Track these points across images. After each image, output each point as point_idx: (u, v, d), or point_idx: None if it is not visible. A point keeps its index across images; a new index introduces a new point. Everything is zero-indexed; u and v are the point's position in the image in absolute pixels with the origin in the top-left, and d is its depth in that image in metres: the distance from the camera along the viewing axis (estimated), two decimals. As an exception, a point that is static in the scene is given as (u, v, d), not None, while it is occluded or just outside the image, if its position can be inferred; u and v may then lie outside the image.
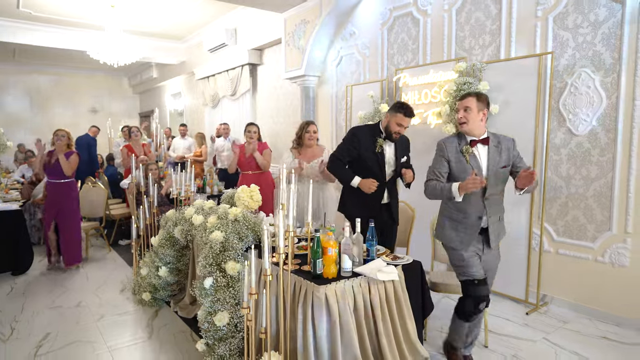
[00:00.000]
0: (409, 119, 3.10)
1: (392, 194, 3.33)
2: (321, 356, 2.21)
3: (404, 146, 3.33)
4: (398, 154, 3.26)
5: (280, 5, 6.15)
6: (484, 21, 4.16)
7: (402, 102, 3.18)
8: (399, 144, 3.26)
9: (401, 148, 3.29)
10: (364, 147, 3.17)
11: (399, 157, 3.26)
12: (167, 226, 3.59)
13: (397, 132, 3.12)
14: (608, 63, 3.33)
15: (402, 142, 3.30)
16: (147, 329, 3.34)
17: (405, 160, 3.28)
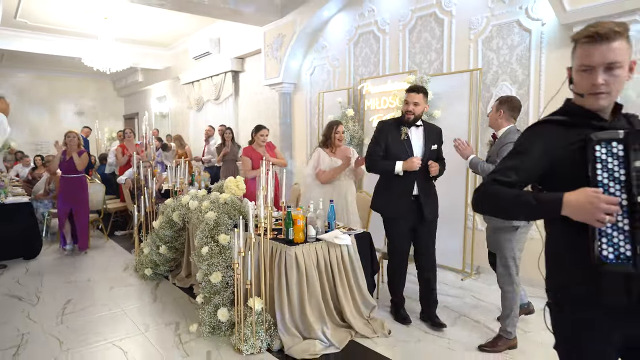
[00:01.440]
0: (413, 94, 3.11)
1: (423, 186, 3.18)
2: (292, 300, 2.98)
3: (433, 134, 3.25)
4: (426, 141, 3.19)
5: (259, 20, 6.90)
6: (430, 40, 5.00)
7: None
8: (427, 132, 3.21)
9: (430, 135, 3.22)
10: (390, 137, 3.17)
11: (428, 144, 3.18)
12: (166, 211, 4.30)
13: (408, 111, 3.11)
14: (521, 78, 4.20)
15: (430, 130, 3.24)
16: (151, 295, 4.05)
17: (435, 148, 3.21)
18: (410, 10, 5.16)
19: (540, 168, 1.30)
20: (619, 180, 1.15)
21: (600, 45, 1.19)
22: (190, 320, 3.38)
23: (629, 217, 1.14)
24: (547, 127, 1.33)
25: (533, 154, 1.31)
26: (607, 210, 1.10)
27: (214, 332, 3.13)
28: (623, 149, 1.14)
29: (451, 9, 4.73)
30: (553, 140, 1.28)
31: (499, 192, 1.31)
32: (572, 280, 1.27)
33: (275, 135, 7.62)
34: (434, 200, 3.29)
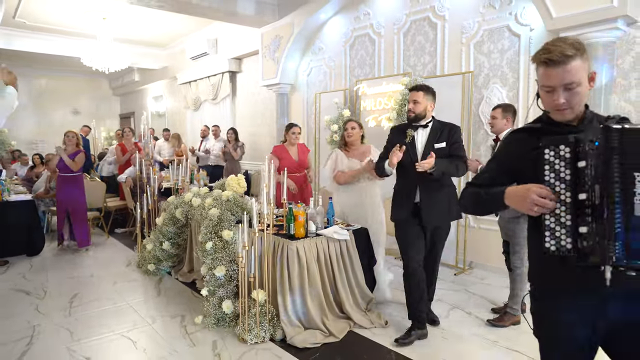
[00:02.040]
0: (412, 92, 3.03)
1: (426, 189, 2.96)
2: (294, 292, 3.14)
3: (442, 133, 3.00)
4: (431, 140, 2.98)
5: (257, 22, 7.03)
6: (424, 44, 5.18)
7: None
8: (434, 131, 3.01)
9: (435, 134, 2.99)
10: (395, 141, 3.02)
11: (431, 142, 2.97)
12: (169, 209, 4.43)
13: (408, 110, 3.03)
14: (511, 81, 4.39)
15: (438, 129, 3.02)
16: (155, 290, 4.19)
17: (441, 147, 2.95)
18: (405, 14, 5.33)
19: (506, 171, 1.50)
20: (564, 180, 1.27)
21: (556, 68, 1.29)
22: (195, 313, 3.52)
23: (571, 213, 1.26)
24: (520, 135, 1.51)
25: (500, 159, 1.55)
26: (535, 200, 1.25)
27: (218, 324, 3.28)
28: (570, 152, 1.26)
29: (444, 14, 4.91)
30: (521, 147, 1.44)
31: (468, 192, 1.58)
32: (542, 270, 1.43)
33: (272, 135, 7.77)
34: (442, 205, 3.00)
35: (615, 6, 3.42)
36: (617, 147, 1.20)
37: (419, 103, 3.01)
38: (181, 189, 4.98)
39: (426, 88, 3.07)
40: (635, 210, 1.19)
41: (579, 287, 1.32)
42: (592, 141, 1.22)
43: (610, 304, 1.29)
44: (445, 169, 2.88)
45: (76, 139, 5.41)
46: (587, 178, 1.24)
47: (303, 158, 4.84)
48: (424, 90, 3.05)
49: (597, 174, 1.22)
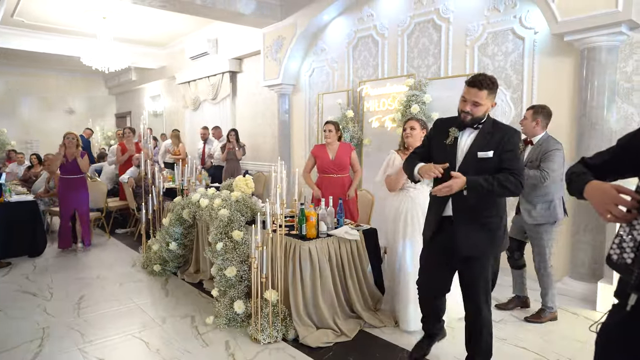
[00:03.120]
0: (473, 90, 2.25)
1: (461, 207, 2.36)
2: (306, 292, 3.16)
3: (492, 138, 2.31)
4: (475, 145, 2.32)
5: (259, 23, 7.04)
6: (428, 46, 5.22)
7: None
8: (482, 135, 2.32)
9: (483, 139, 2.31)
10: (436, 138, 2.47)
11: (476, 149, 2.31)
12: (176, 209, 4.43)
13: (463, 111, 2.31)
14: (515, 83, 4.44)
15: (488, 132, 2.32)
16: (162, 290, 4.19)
17: (486, 156, 2.28)
18: (409, 16, 5.37)
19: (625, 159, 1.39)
20: None
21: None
22: (205, 313, 3.53)
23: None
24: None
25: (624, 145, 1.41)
26: (615, 212, 1.18)
27: (229, 324, 3.29)
28: None
29: (449, 16, 4.96)
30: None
31: (571, 168, 1.52)
32: None
33: (274, 135, 7.79)
34: (481, 231, 2.34)
35: (620, 11, 3.49)
36: None
37: (480, 105, 2.27)
38: (186, 189, 4.98)
39: (491, 84, 2.27)
40: None
41: None
42: None
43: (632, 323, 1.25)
44: (485, 188, 2.20)
45: (76, 140, 5.40)
46: None
47: (341, 156, 4.44)
48: (489, 89, 2.26)
49: None
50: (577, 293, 3.89)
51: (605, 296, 3.57)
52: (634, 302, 1.17)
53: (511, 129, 2.37)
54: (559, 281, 4.01)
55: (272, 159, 7.84)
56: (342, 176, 4.49)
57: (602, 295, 3.60)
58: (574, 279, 3.98)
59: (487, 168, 2.29)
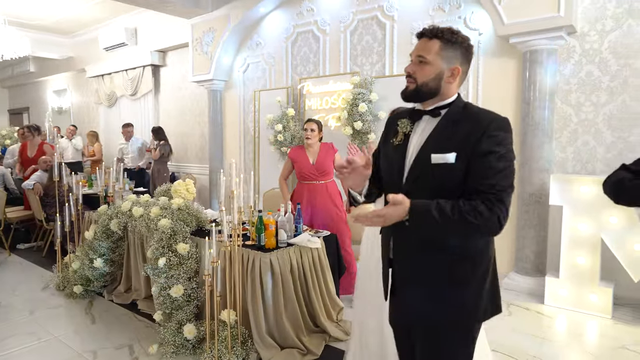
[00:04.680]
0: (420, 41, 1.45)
1: (401, 243, 1.50)
2: (267, 309, 2.83)
3: (457, 131, 1.39)
4: (429, 143, 1.43)
5: (187, 13, 6.47)
6: (372, 43, 5.13)
7: None
8: (442, 125, 1.43)
9: (445, 133, 1.41)
10: (385, 138, 1.62)
11: (430, 149, 1.41)
12: (101, 220, 3.82)
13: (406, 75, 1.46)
14: (461, 83, 4.49)
15: (452, 122, 1.42)
16: (87, 316, 3.56)
17: (446, 162, 1.36)
18: (352, 12, 5.23)
19: None
20: None
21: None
22: (145, 341, 3.04)
23: None
24: None
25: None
26: None
27: (178, 352, 2.85)
28: None
29: (393, 14, 4.89)
30: None
31: (614, 177, 1.49)
32: None
33: (204, 134, 7.25)
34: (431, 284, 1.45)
35: (562, 16, 3.63)
36: None
37: (427, 64, 1.41)
38: (111, 196, 4.35)
39: (450, 35, 1.42)
40: None
41: None
42: None
43: None
44: (437, 221, 1.30)
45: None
46: None
47: (323, 160, 3.82)
48: (444, 40, 1.41)
49: None
50: (523, 288, 4.00)
51: (553, 290, 3.71)
52: None
53: (490, 116, 1.39)
54: (505, 277, 4.11)
55: (202, 159, 7.31)
56: (326, 182, 3.86)
57: (549, 289, 3.73)
58: (519, 274, 4.10)
59: (450, 182, 1.37)
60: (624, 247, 3.39)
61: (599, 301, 3.51)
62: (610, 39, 3.73)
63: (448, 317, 1.41)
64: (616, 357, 2.89)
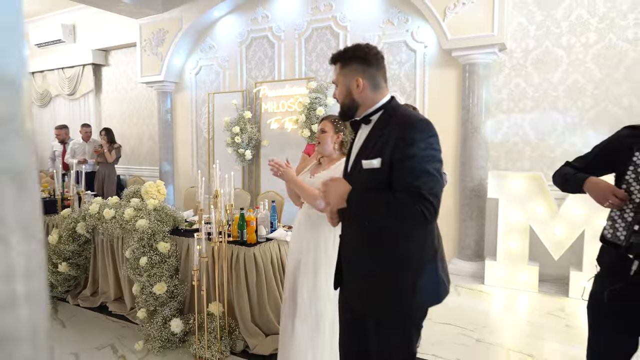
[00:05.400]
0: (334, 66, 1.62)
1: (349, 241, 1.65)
2: (252, 300, 3.04)
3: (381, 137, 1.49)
4: (362, 150, 1.57)
5: (135, 13, 6.37)
6: (326, 51, 5.46)
7: None
8: (373, 132, 1.55)
9: (373, 139, 1.53)
10: None
11: (361, 155, 1.55)
12: (66, 224, 3.75)
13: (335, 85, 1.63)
14: (409, 90, 4.98)
15: (379, 131, 1.52)
16: (55, 322, 3.50)
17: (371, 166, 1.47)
18: (306, 21, 5.53)
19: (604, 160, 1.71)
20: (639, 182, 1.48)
21: None
22: (127, 339, 3.10)
23: (635, 212, 1.48)
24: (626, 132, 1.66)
25: (603, 148, 1.73)
26: (611, 199, 1.51)
27: (165, 346, 2.96)
28: None
29: (346, 25, 5.27)
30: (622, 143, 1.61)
31: (561, 170, 1.81)
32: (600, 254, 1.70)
33: (153, 136, 7.15)
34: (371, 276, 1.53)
35: (495, 35, 4.22)
36: None
37: (337, 87, 1.62)
38: (68, 200, 4.26)
39: (343, 54, 1.58)
40: None
41: (616, 271, 1.57)
42: None
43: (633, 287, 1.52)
44: (368, 212, 1.49)
45: None
46: None
47: None
48: (340, 61, 1.58)
49: None
50: (465, 271, 4.55)
51: (491, 271, 4.28)
52: (636, 267, 1.49)
53: (410, 120, 1.46)
54: (449, 262, 4.64)
55: (152, 161, 7.20)
56: None
57: (488, 271, 4.30)
58: (462, 260, 4.65)
59: (380, 184, 1.47)
60: (547, 232, 4.02)
61: (528, 278, 4.13)
62: (533, 56, 4.39)
63: (390, 308, 1.50)
64: (543, 321, 3.47)
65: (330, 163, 2.39)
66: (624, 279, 1.52)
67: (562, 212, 3.93)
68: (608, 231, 1.58)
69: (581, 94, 4.22)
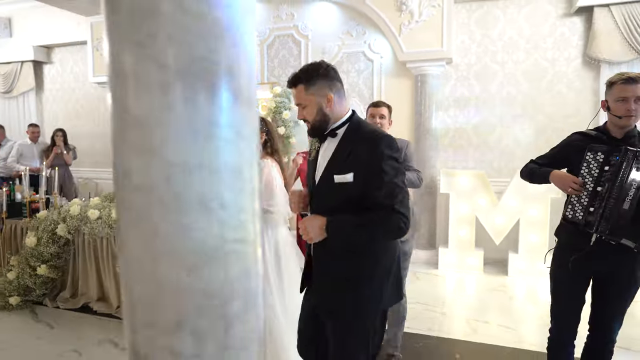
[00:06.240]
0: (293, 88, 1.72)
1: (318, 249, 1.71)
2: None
3: (351, 152, 1.62)
4: (332, 163, 1.67)
5: (87, 10, 6.20)
6: (288, 57, 5.79)
7: None
8: (341, 145, 1.66)
9: (344, 153, 1.64)
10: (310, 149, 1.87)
11: (332, 169, 1.65)
12: (44, 226, 3.71)
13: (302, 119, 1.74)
14: (367, 96, 5.46)
15: (348, 144, 1.64)
16: (40, 324, 3.48)
17: (346, 180, 1.59)
18: (269, 28, 5.81)
19: (560, 159, 2.16)
20: (592, 175, 1.92)
21: (633, 85, 1.86)
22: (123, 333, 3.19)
23: (589, 197, 1.93)
24: (578, 136, 2.09)
25: (559, 149, 2.17)
26: (572, 186, 1.94)
27: (166, 337, 3.11)
28: (603, 158, 1.89)
29: (308, 34, 5.64)
30: (576, 145, 2.06)
31: (529, 166, 2.25)
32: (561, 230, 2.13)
33: (104, 136, 6.97)
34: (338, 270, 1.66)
35: (444, 50, 4.83)
36: (627, 164, 1.83)
37: (305, 107, 1.69)
38: (35, 203, 4.17)
39: (304, 74, 1.68)
40: (624, 206, 1.85)
41: (581, 246, 1.99)
42: (615, 155, 1.86)
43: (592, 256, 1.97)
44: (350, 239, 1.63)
45: None
46: (605, 178, 1.87)
47: None
48: (304, 82, 1.67)
49: (611, 177, 1.85)
50: (422, 259, 5.12)
51: (443, 258, 4.88)
52: (594, 239, 1.97)
53: (373, 135, 1.62)
54: (406, 252, 5.19)
55: (105, 163, 7.01)
56: None
57: (441, 257, 4.90)
58: (418, 249, 5.21)
59: (353, 195, 1.59)
60: (489, 221, 4.70)
61: (475, 262, 4.78)
62: (473, 69, 5.08)
63: (352, 308, 1.62)
64: (490, 295, 4.11)
65: None
66: (582, 249, 2.00)
67: (501, 204, 4.62)
68: (569, 213, 2.05)
69: (513, 103, 4.98)
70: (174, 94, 0.74)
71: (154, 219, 0.77)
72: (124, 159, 0.78)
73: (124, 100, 0.76)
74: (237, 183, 0.82)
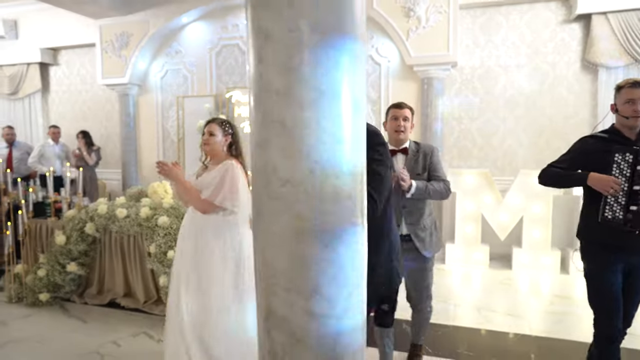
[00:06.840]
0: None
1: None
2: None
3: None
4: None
5: (96, 13, 6.29)
6: (297, 61, 5.95)
7: None
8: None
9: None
10: None
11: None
12: (72, 225, 3.83)
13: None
14: (374, 98, 5.66)
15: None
16: (71, 319, 3.60)
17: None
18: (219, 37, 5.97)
19: (577, 162, 2.26)
20: (625, 175, 2.00)
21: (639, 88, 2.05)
22: (156, 328, 3.33)
23: (626, 197, 1.99)
24: (592, 140, 2.23)
25: (575, 153, 2.29)
26: (613, 186, 2.00)
27: (199, 329, 3.26)
28: (632, 158, 1.99)
29: (317, 38, 5.81)
30: (592, 147, 2.21)
31: (550, 170, 2.32)
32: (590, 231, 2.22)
33: (113, 138, 7.07)
34: None
35: (450, 54, 5.05)
36: None
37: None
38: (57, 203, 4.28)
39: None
40: None
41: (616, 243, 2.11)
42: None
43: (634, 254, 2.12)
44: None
45: None
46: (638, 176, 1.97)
47: None
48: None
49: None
50: (428, 254, 5.33)
51: (451, 253, 5.10)
52: None
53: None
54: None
55: (111, 164, 7.11)
56: None
57: (449, 252, 5.11)
58: (424, 245, 5.43)
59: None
60: (494, 218, 4.93)
61: (481, 257, 5.01)
62: (478, 73, 5.32)
63: None
64: (496, 287, 4.34)
65: (216, 164, 2.45)
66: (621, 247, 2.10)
67: (505, 201, 4.86)
68: (609, 214, 2.11)
69: (516, 105, 5.22)
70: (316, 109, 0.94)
71: (298, 206, 0.95)
72: (270, 159, 0.96)
73: (271, 111, 0.96)
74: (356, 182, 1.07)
